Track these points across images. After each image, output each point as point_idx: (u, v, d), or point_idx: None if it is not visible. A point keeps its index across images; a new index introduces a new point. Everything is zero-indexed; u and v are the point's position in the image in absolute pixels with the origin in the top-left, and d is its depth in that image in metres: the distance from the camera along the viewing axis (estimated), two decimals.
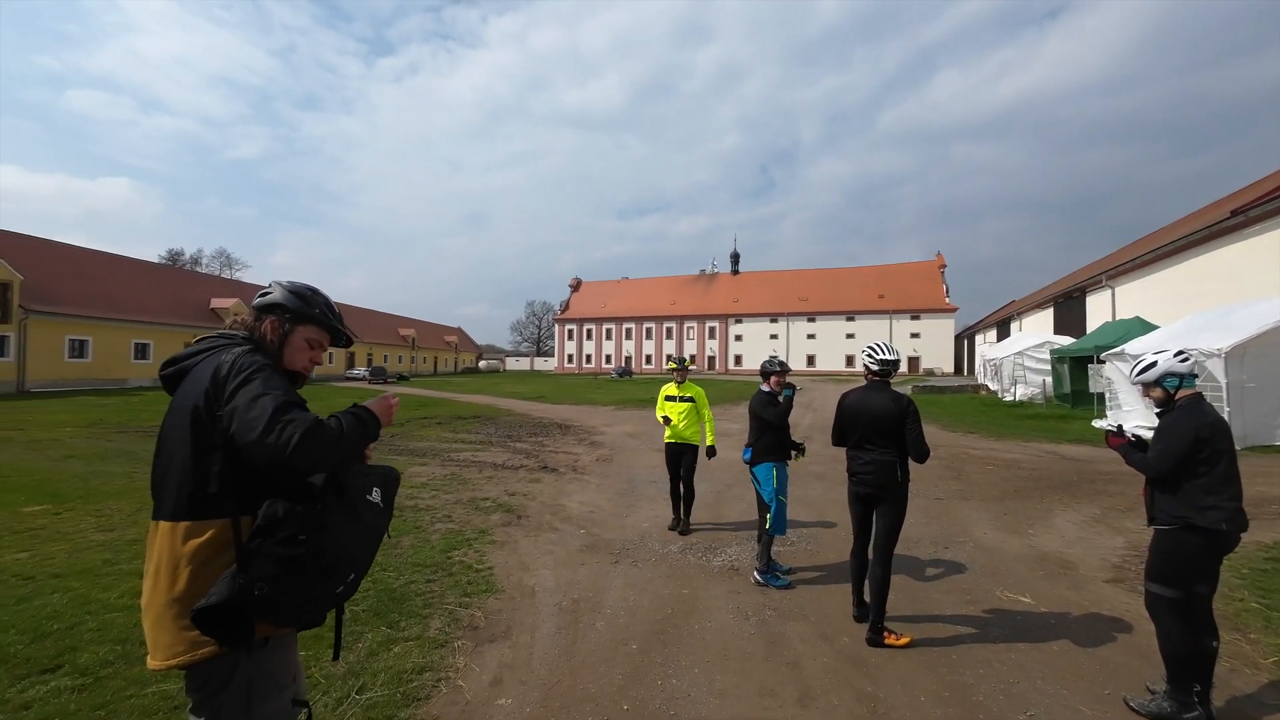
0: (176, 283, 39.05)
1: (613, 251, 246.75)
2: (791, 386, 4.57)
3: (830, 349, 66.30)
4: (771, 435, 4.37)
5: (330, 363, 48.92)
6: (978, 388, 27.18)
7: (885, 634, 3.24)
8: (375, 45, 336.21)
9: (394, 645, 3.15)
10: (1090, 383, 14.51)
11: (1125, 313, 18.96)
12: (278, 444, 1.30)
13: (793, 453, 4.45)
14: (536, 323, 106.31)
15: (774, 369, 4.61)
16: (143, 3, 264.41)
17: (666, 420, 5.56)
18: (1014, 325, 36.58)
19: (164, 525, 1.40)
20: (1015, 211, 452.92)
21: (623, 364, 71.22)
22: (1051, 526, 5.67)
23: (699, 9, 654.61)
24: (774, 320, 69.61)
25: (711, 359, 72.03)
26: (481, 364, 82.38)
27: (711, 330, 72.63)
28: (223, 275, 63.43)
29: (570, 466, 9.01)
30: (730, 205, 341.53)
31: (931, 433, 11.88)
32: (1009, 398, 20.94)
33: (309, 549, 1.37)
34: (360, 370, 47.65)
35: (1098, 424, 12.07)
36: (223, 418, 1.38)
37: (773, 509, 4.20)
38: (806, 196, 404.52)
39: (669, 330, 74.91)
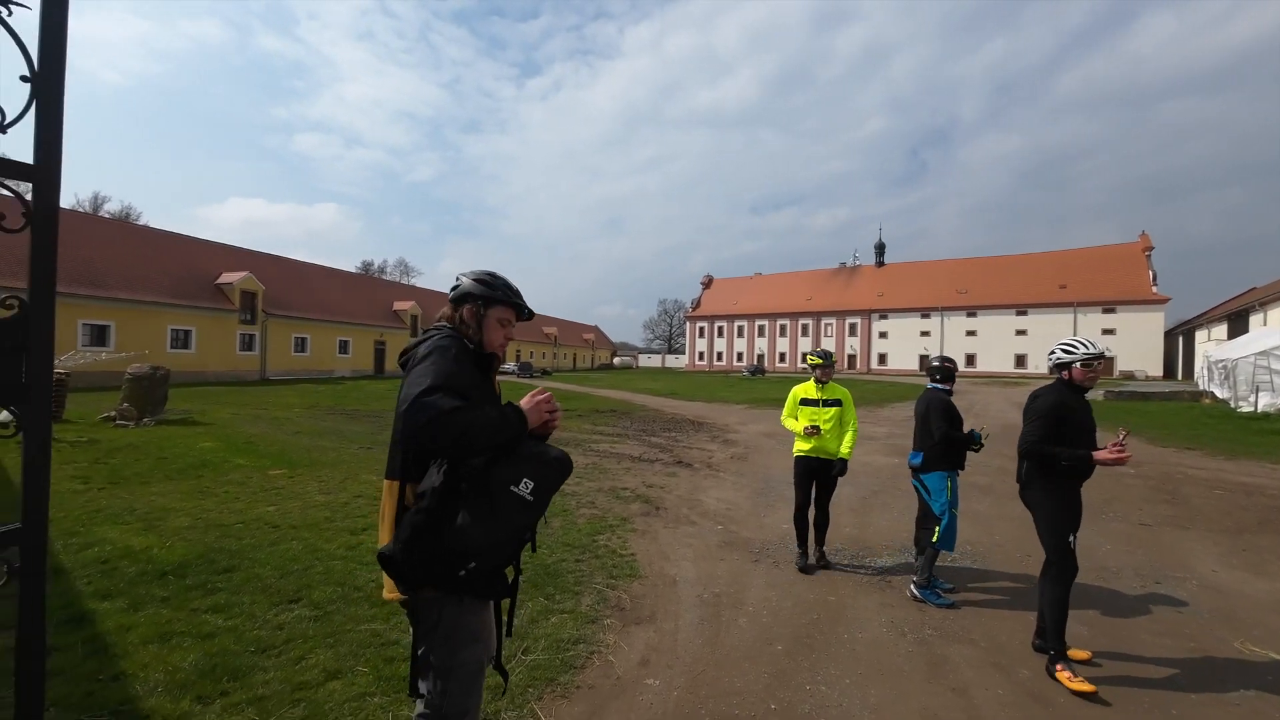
0: (368, 289, 45.99)
1: (744, 249, 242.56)
2: (975, 436, 3.99)
3: (994, 347, 58.55)
4: (944, 441, 3.94)
5: None
6: (1198, 395, 22.14)
7: (1058, 666, 2.82)
8: (525, 68, 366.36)
9: (551, 615, 3.42)
10: None
11: None
12: (411, 421, 1.46)
13: (973, 445, 3.94)
14: (668, 320, 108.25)
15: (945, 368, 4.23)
16: (348, 55, 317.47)
17: (813, 430, 4.30)
18: (1254, 319, 29.32)
19: (385, 482, 1.69)
20: (1251, 179, 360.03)
21: (755, 362, 69.69)
22: None
23: None
24: (925, 316, 63.25)
25: (852, 357, 67.56)
26: (615, 360, 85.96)
27: (852, 327, 68.06)
28: (402, 281, 73.41)
29: (705, 463, 9.05)
30: (874, 194, 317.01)
31: (1133, 446, 9.98)
32: (1245, 407, 16.88)
33: (430, 520, 1.50)
34: (511, 365, 52.24)
35: None
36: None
37: (944, 522, 3.84)
38: (965, 179, 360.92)
39: (804, 327, 71.65)
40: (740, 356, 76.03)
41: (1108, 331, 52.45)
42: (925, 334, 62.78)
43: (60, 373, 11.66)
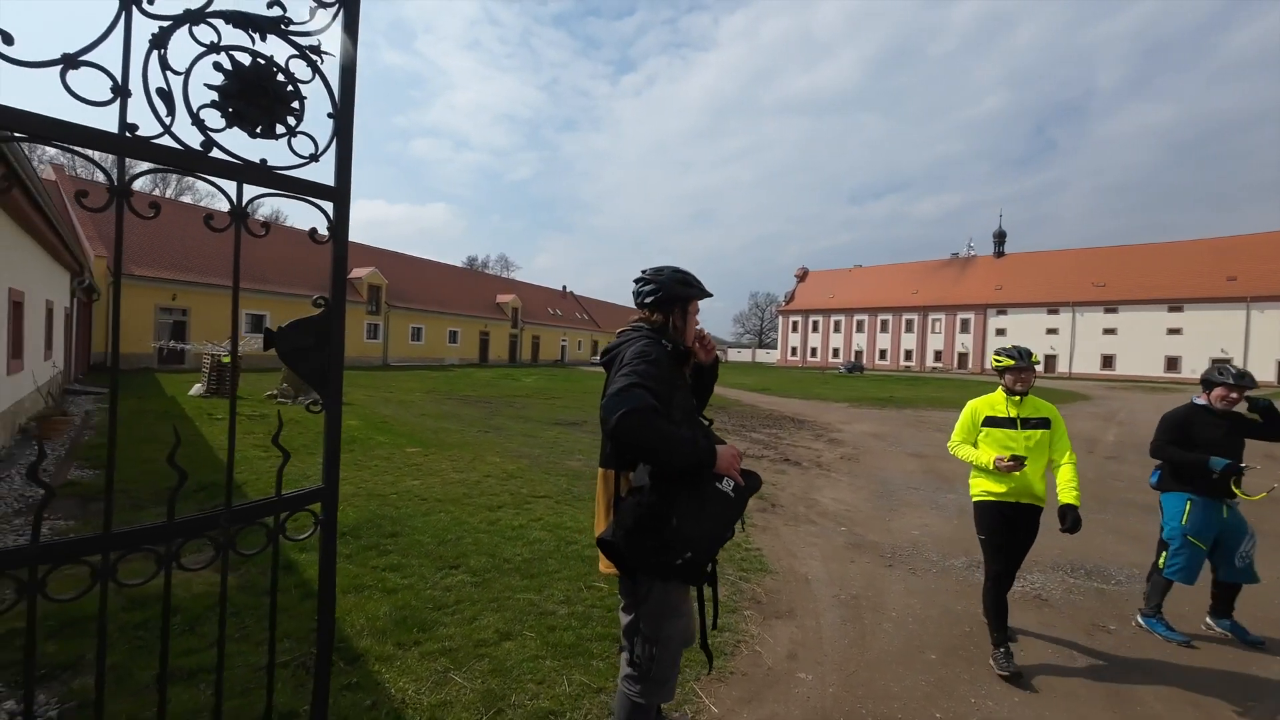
0: (473, 283, 49.09)
1: (840, 240, 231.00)
2: (1219, 464, 3.25)
3: (1139, 348, 51.47)
4: (1159, 457, 3.52)
5: (580, 349, 56.17)
6: None
7: None
8: (619, 65, 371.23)
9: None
10: None
11: None
12: (607, 416, 1.59)
13: (1213, 473, 3.24)
14: (759, 314, 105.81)
15: (1226, 379, 3.42)
16: (458, 64, 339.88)
17: (1013, 463, 2.91)
18: None
19: (599, 470, 1.89)
20: None
21: (852, 359, 66.44)
22: None
23: None
24: (1053, 311, 56.90)
25: (963, 356, 62.41)
26: None
27: (964, 323, 62.75)
28: (502, 275, 77.60)
29: (814, 462, 8.82)
30: (989, 178, 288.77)
31: None
32: None
33: (651, 515, 1.64)
34: (598, 359, 53.62)
35: None
36: None
37: (1170, 548, 3.43)
38: (1101, 156, 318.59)
39: (909, 323, 67.10)
40: (836, 352, 72.77)
41: None
42: (1052, 331, 56.57)
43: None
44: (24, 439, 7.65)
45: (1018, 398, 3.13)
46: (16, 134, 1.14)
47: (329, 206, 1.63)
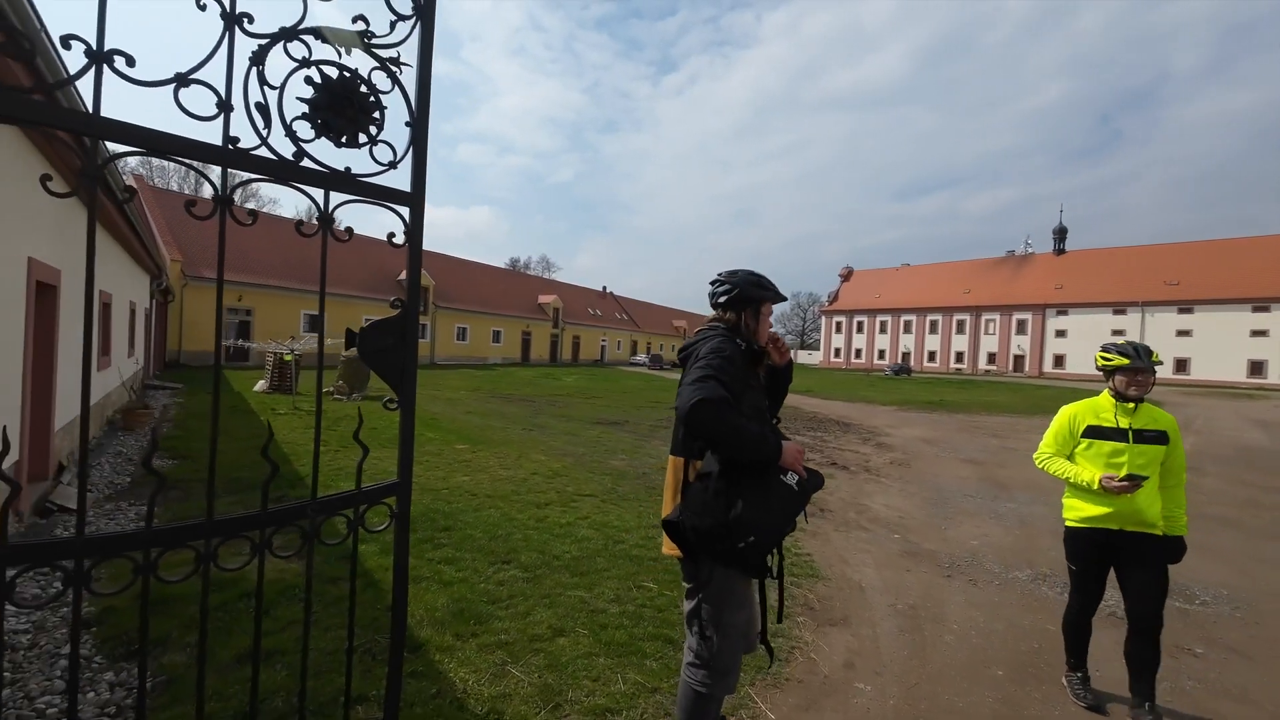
0: (515, 283, 50.06)
1: (885, 238, 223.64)
2: None
3: (1218, 351, 47.88)
4: None
5: (619, 349, 56.48)
6: None
7: None
8: (661, 66, 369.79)
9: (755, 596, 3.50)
10: None
11: None
12: (682, 404, 1.71)
13: None
14: (801, 315, 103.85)
15: None
16: (503, 70, 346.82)
17: (1130, 483, 2.46)
18: None
19: (670, 458, 1.95)
20: None
21: (899, 360, 64.39)
22: None
23: None
24: (1119, 311, 53.60)
25: (1019, 358, 59.57)
26: None
27: (1020, 324, 59.87)
28: (544, 276, 78.88)
29: (862, 466, 8.59)
30: (1048, 172, 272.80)
31: None
32: None
33: (716, 499, 1.73)
34: (641, 357, 53.79)
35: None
36: None
37: None
38: (1175, 146, 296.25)
39: (960, 324, 64.51)
40: (882, 354, 70.70)
41: None
42: (1119, 332, 53.25)
43: (296, 353, 14.25)
44: (110, 430, 8.26)
45: (1131, 405, 2.60)
46: (139, 149, 1.23)
47: (405, 211, 1.69)
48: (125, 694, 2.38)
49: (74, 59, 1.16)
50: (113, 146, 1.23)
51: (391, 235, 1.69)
